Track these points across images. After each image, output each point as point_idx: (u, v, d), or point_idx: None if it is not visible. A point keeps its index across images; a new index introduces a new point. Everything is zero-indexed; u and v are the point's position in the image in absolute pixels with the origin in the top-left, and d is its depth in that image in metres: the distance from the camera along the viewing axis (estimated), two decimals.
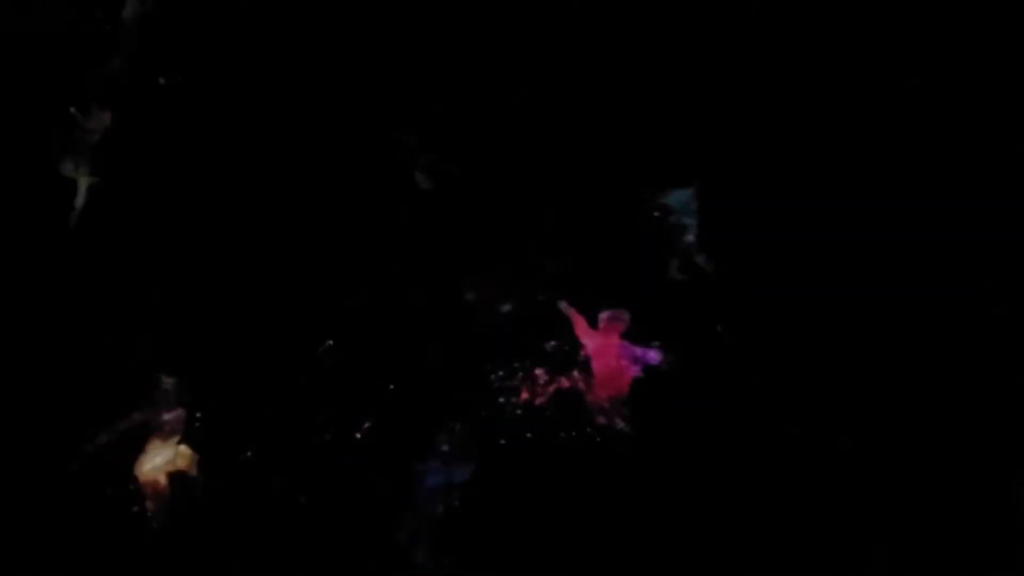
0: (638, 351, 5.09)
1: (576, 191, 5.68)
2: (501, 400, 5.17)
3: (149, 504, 4.88)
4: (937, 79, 5.55)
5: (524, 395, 5.18)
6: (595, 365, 5.12)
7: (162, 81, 5.80)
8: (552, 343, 5.28)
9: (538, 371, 5.23)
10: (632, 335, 5.10)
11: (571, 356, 5.23)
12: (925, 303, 5.12)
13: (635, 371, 5.08)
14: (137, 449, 4.94)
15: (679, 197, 5.50)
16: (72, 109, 5.55)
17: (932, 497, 4.78)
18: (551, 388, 5.20)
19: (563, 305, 5.23)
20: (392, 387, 5.25)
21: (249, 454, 5.08)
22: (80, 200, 5.57)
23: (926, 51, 5.59)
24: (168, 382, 5.02)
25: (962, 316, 5.11)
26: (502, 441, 5.09)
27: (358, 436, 5.15)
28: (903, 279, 5.19)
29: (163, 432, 4.95)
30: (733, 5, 5.79)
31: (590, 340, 5.15)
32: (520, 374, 5.23)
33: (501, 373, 5.23)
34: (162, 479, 4.89)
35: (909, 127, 5.52)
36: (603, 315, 5.14)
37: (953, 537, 4.67)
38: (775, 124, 5.63)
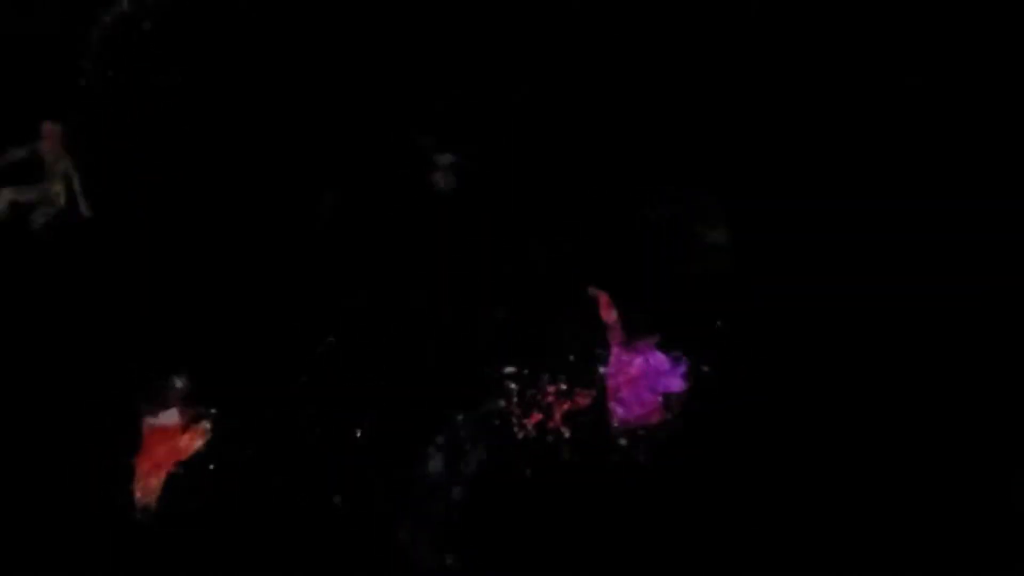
0: (665, 366, 5.03)
1: (588, 191, 5.68)
2: (507, 399, 5.16)
3: (148, 502, 4.88)
4: (937, 79, 5.55)
5: (533, 396, 5.17)
6: (621, 381, 5.07)
7: (163, 81, 5.80)
8: (573, 345, 5.23)
9: (552, 373, 5.20)
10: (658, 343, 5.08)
11: (592, 361, 5.17)
12: (925, 303, 5.11)
13: (660, 393, 5.03)
14: (136, 447, 4.96)
15: (700, 198, 5.50)
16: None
17: (932, 497, 4.77)
18: (566, 393, 5.16)
19: (599, 296, 5.16)
20: (394, 387, 5.25)
21: (249, 453, 5.08)
22: (65, 198, 5.58)
23: (926, 51, 5.59)
24: (170, 381, 5.03)
25: (962, 316, 5.10)
26: (505, 440, 5.08)
27: (358, 436, 5.15)
28: (903, 279, 5.19)
29: (165, 430, 4.96)
30: (733, 5, 5.79)
31: (618, 347, 5.10)
32: (530, 374, 5.21)
33: (510, 374, 5.21)
34: (161, 477, 4.90)
35: (909, 127, 5.52)
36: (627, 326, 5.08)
37: (953, 537, 4.66)
38: (774, 125, 5.63)
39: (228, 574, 4.81)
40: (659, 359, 5.07)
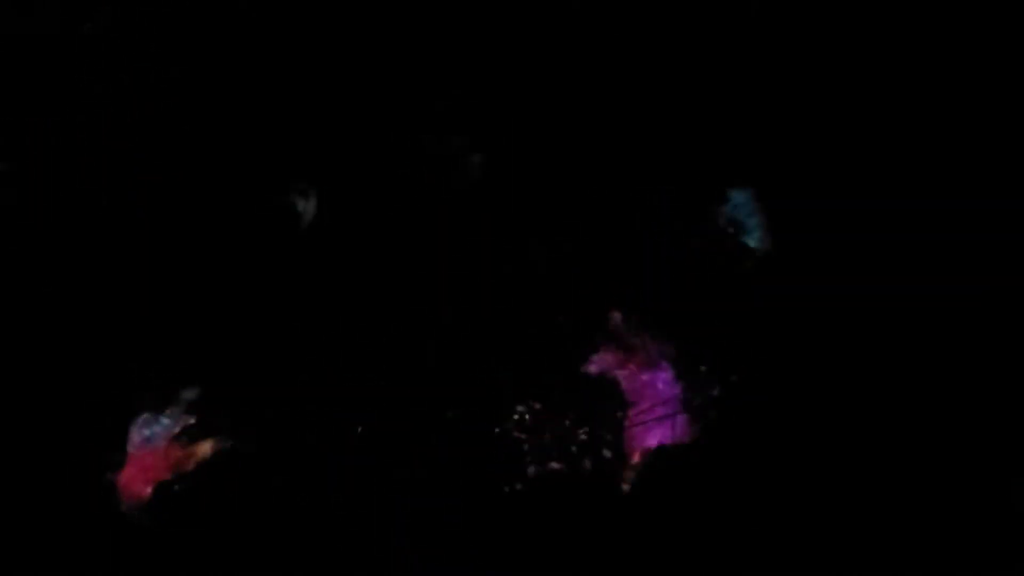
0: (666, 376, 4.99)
1: (590, 192, 5.67)
2: (509, 402, 5.16)
3: (140, 502, 4.88)
4: (937, 79, 5.55)
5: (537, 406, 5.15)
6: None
7: (165, 79, 5.79)
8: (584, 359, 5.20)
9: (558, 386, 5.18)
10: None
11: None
12: (925, 303, 5.11)
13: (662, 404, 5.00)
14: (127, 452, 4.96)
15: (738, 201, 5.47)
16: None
17: (932, 497, 4.77)
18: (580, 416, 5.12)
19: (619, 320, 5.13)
20: (394, 387, 5.25)
21: (247, 453, 5.08)
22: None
23: (926, 51, 5.59)
24: (167, 383, 5.03)
25: (962, 316, 5.10)
26: (507, 441, 5.08)
27: (358, 436, 5.14)
28: (903, 279, 5.18)
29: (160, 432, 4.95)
30: (734, 5, 5.79)
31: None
32: (536, 380, 5.20)
33: (512, 377, 5.21)
34: (154, 477, 4.90)
35: (909, 127, 5.51)
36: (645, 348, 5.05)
37: (953, 537, 4.66)
38: (772, 125, 5.63)
39: (227, 574, 4.80)
40: (661, 367, 5.06)
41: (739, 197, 5.44)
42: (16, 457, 5.04)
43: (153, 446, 4.92)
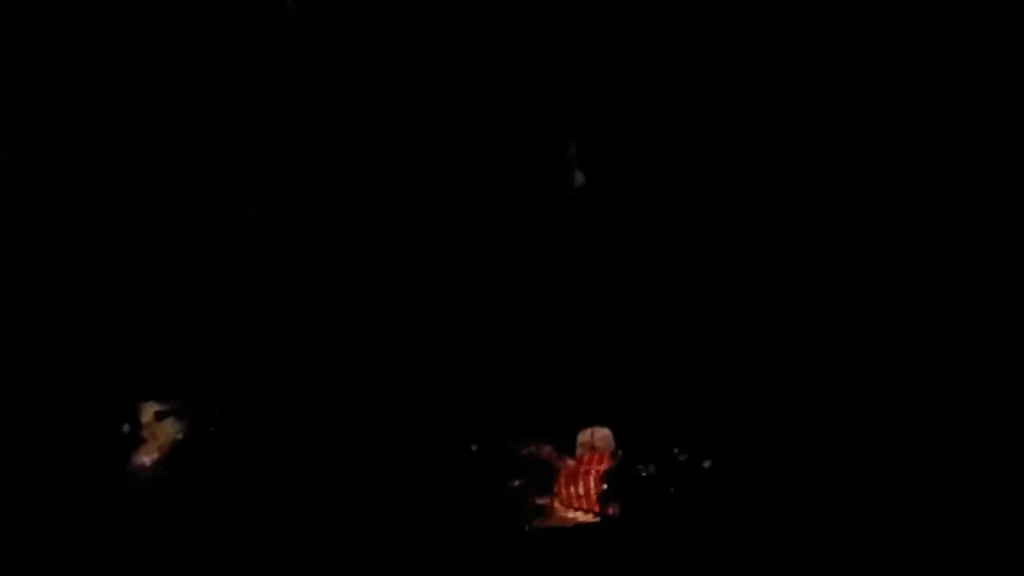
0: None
1: (591, 191, 5.68)
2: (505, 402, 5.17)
3: (145, 504, 4.89)
4: (937, 79, 5.56)
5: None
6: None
7: (165, 79, 5.80)
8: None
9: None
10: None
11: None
12: (925, 303, 5.12)
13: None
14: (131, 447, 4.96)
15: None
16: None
17: (932, 497, 4.78)
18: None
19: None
20: (394, 387, 5.26)
21: (249, 453, 5.08)
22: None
23: (926, 51, 5.59)
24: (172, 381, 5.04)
25: (962, 316, 5.11)
26: (505, 441, 5.09)
27: (358, 436, 5.15)
28: (904, 279, 5.19)
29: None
30: (732, 5, 5.80)
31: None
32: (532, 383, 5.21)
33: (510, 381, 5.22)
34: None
35: (909, 127, 5.52)
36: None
37: (953, 537, 4.66)
38: (774, 125, 5.63)
39: (226, 574, 4.81)
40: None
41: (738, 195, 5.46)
42: (16, 457, 5.05)
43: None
